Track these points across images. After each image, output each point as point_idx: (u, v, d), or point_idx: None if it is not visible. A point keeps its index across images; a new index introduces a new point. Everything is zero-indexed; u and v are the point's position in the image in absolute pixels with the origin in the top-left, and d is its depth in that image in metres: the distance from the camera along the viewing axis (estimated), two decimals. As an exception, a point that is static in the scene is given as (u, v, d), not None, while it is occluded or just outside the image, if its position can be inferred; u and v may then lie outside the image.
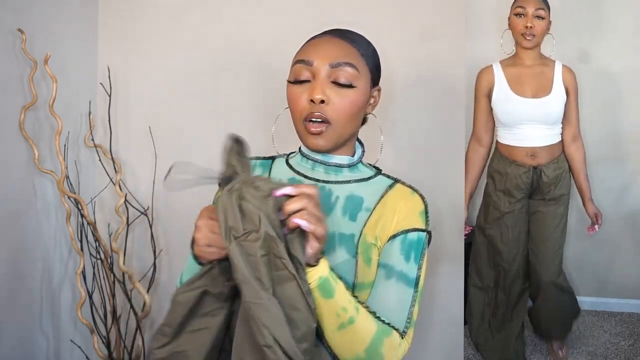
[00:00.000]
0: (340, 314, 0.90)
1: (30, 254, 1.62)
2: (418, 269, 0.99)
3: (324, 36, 1.03)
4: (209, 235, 0.89)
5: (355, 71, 0.99)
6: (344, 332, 0.90)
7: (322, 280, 0.88)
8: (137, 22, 1.81)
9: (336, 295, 0.89)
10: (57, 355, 1.72)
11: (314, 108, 0.98)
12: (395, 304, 0.97)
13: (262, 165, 1.11)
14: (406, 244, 0.99)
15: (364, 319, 0.92)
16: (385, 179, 1.07)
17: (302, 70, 0.99)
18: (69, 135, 1.70)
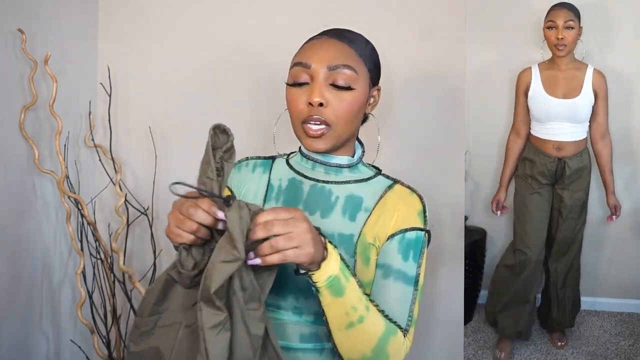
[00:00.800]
0: (350, 312, 0.89)
1: (30, 254, 1.62)
2: (417, 267, 0.99)
3: (321, 37, 1.03)
4: (178, 215, 0.85)
5: (353, 73, 0.99)
6: (353, 331, 0.90)
7: (331, 279, 0.87)
8: (137, 22, 1.81)
9: (347, 293, 0.88)
10: (57, 355, 1.72)
11: (313, 111, 0.98)
12: (395, 303, 0.97)
13: (263, 165, 1.11)
14: (404, 243, 1.00)
15: (373, 318, 0.91)
16: (385, 179, 1.07)
17: (300, 73, 0.99)
18: (69, 135, 1.70)
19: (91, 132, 1.77)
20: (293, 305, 0.99)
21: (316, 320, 0.99)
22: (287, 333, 0.99)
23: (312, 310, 0.98)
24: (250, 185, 1.09)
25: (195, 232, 0.84)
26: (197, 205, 0.84)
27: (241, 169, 1.12)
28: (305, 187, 1.05)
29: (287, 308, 0.99)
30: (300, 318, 0.99)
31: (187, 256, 0.86)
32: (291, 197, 1.05)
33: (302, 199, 1.04)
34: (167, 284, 0.90)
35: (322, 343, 0.99)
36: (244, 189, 1.09)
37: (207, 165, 0.84)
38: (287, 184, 1.06)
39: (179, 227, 0.85)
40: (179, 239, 0.85)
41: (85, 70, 1.80)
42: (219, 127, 0.85)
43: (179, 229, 0.85)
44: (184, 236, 0.85)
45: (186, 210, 0.84)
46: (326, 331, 0.96)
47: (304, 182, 1.05)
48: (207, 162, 0.84)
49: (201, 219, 0.83)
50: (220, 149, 0.85)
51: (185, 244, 0.86)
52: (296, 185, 1.05)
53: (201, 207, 0.84)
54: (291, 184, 1.06)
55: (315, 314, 0.98)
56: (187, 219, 0.84)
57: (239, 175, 1.11)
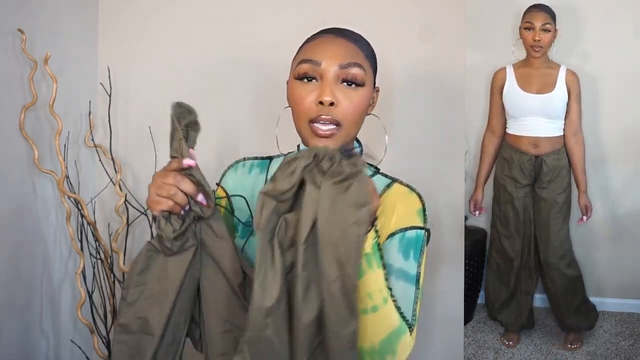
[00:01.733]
0: (365, 298, 0.88)
1: (30, 254, 1.62)
2: (418, 266, 0.99)
3: (327, 36, 1.02)
4: (157, 182, 0.90)
5: (363, 72, 0.98)
6: (365, 318, 0.89)
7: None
8: (137, 22, 1.81)
9: (366, 277, 0.88)
10: (57, 355, 1.72)
11: (323, 110, 0.96)
12: (398, 302, 0.97)
13: (260, 165, 1.10)
14: (404, 242, 0.99)
15: (388, 311, 0.91)
16: (383, 178, 1.07)
17: (308, 70, 0.97)
18: (69, 135, 1.70)
19: (91, 132, 1.77)
20: None
21: None
22: None
23: None
24: (247, 187, 1.08)
25: (172, 196, 0.88)
26: (171, 170, 0.90)
27: (237, 170, 1.11)
28: None
29: None
30: None
31: (165, 224, 0.89)
32: None
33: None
34: (149, 253, 0.92)
35: None
36: (239, 192, 1.08)
37: (175, 133, 0.93)
38: None
39: (158, 195, 0.89)
40: (158, 206, 0.89)
41: (85, 70, 1.79)
42: (181, 105, 0.96)
43: (157, 196, 0.89)
44: (162, 202, 0.89)
45: (164, 177, 0.89)
46: None
47: None
48: (174, 130, 0.93)
49: (176, 181, 0.89)
50: (184, 119, 0.94)
51: (165, 211, 0.89)
52: None
53: (183, 183, 0.89)
54: None
55: None
56: (165, 184, 0.89)
57: (236, 176, 1.11)
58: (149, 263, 0.92)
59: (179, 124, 0.93)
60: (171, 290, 0.90)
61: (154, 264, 0.92)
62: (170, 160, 0.92)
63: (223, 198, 1.10)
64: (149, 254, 0.92)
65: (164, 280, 0.91)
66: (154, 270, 0.91)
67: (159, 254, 0.91)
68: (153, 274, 0.91)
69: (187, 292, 0.92)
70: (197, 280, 0.93)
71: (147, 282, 0.91)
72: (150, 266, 0.92)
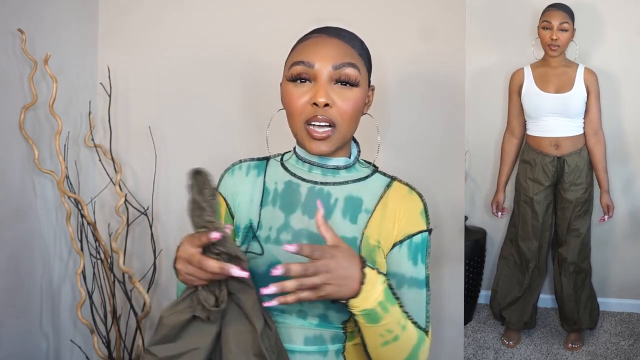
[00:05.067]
0: (385, 334, 0.91)
1: (30, 254, 1.62)
2: (426, 268, 1.01)
3: (319, 36, 1.01)
4: (188, 266, 0.88)
5: (357, 72, 0.98)
6: (387, 348, 0.92)
7: (366, 312, 0.88)
8: (137, 23, 1.81)
9: (383, 321, 0.90)
10: (57, 355, 1.72)
11: (318, 112, 0.96)
12: (412, 308, 0.98)
13: (257, 167, 1.09)
14: (412, 248, 1.00)
15: (408, 334, 0.93)
16: (382, 176, 1.06)
17: (301, 72, 0.97)
18: (69, 135, 1.70)
19: (91, 132, 1.77)
20: (297, 308, 0.99)
21: (320, 324, 0.98)
22: (292, 336, 0.99)
23: (316, 313, 0.98)
24: (246, 191, 1.07)
25: (207, 277, 0.88)
26: (207, 262, 0.86)
27: (234, 173, 1.09)
28: (302, 189, 1.03)
29: (291, 312, 0.99)
30: (304, 321, 0.99)
31: (207, 294, 0.90)
32: (288, 201, 1.03)
33: (300, 202, 1.02)
34: (189, 321, 0.92)
35: (326, 345, 0.99)
36: (238, 197, 1.07)
37: (201, 209, 0.87)
38: (284, 187, 1.04)
39: (192, 276, 0.88)
40: (196, 284, 0.90)
41: (85, 70, 1.80)
42: (197, 171, 0.88)
43: (192, 277, 0.89)
44: (201, 282, 0.89)
45: (198, 264, 0.87)
46: (330, 334, 0.97)
47: (301, 184, 1.04)
48: (197, 205, 0.87)
49: (214, 275, 0.88)
50: (204, 189, 0.88)
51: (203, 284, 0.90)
52: (293, 188, 1.04)
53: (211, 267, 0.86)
54: (287, 187, 1.04)
55: (319, 316, 0.98)
56: (201, 272, 0.87)
57: (233, 181, 1.09)
58: (188, 323, 0.92)
59: (200, 194, 0.88)
60: (204, 346, 0.90)
61: (192, 324, 0.92)
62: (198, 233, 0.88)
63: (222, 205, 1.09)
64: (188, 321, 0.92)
65: (198, 339, 0.91)
66: (191, 330, 0.92)
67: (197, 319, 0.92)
68: (188, 332, 0.92)
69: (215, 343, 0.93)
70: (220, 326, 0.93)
71: (179, 340, 0.91)
72: (188, 325, 0.92)
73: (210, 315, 0.90)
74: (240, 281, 0.91)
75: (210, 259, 0.86)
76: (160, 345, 0.91)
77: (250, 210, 1.05)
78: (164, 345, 0.91)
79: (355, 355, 0.99)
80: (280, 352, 0.94)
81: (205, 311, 0.89)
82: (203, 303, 0.89)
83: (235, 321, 0.91)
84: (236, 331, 0.90)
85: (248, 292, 0.91)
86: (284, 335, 0.98)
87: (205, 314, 0.90)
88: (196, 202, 0.87)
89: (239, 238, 1.05)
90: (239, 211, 1.06)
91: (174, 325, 0.90)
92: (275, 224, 1.02)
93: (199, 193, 0.87)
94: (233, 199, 1.07)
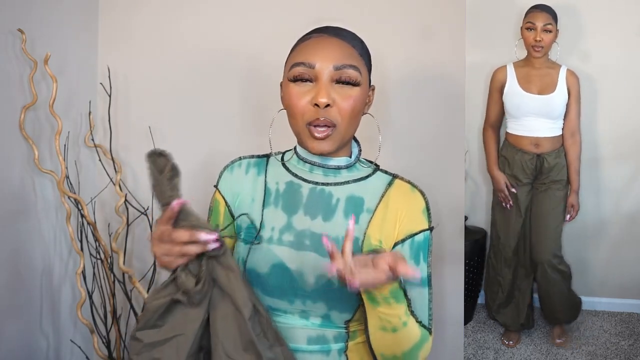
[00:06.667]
0: (385, 324, 0.91)
1: (30, 254, 1.62)
2: (427, 267, 1.01)
3: (320, 36, 1.01)
4: (162, 245, 0.88)
5: (357, 72, 0.98)
6: (385, 334, 0.92)
7: (369, 295, 0.89)
8: (137, 22, 1.81)
9: (380, 307, 0.90)
10: (57, 355, 1.72)
11: (320, 113, 0.96)
12: (415, 308, 0.99)
13: (257, 165, 1.09)
14: (414, 247, 1.00)
15: (409, 330, 0.93)
16: (383, 175, 1.06)
17: (302, 72, 0.97)
18: (69, 135, 1.70)
19: (91, 132, 1.77)
20: (300, 309, 0.99)
21: (323, 323, 0.99)
22: (294, 336, 0.99)
23: (319, 314, 0.98)
24: (246, 190, 1.07)
25: (183, 254, 0.87)
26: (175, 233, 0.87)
27: (234, 171, 1.09)
28: (304, 190, 1.03)
29: (294, 312, 0.99)
30: (307, 321, 0.99)
31: (187, 276, 0.89)
32: (290, 201, 1.03)
33: (302, 203, 1.02)
34: (170, 305, 0.91)
35: (329, 345, 0.99)
36: (238, 197, 1.07)
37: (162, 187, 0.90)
38: (285, 187, 1.04)
39: (168, 256, 0.88)
40: (174, 265, 0.89)
41: (85, 70, 1.79)
42: (155, 152, 0.92)
43: (168, 257, 0.88)
44: (177, 261, 0.88)
45: (168, 238, 0.87)
46: (333, 333, 0.98)
47: (302, 185, 1.04)
48: (158, 183, 0.90)
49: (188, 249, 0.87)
50: (164, 168, 0.90)
51: (181, 265, 0.89)
52: (295, 189, 1.04)
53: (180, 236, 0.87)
54: (289, 187, 1.04)
55: (322, 317, 0.98)
56: (173, 246, 0.87)
57: (232, 178, 1.08)
58: (171, 308, 0.91)
59: (160, 174, 0.91)
60: (190, 332, 0.90)
61: (176, 309, 0.91)
62: (162, 212, 0.90)
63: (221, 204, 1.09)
64: (170, 305, 0.91)
65: (183, 324, 0.91)
66: (175, 315, 0.91)
67: (180, 304, 0.91)
68: (173, 317, 0.91)
69: (204, 330, 0.92)
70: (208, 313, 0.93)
71: (165, 325, 0.91)
72: (172, 311, 0.91)
73: (191, 298, 0.89)
74: (224, 267, 0.91)
75: (179, 229, 0.87)
76: (145, 330, 0.91)
77: (252, 210, 1.05)
78: (149, 331, 0.91)
79: (358, 354, 1.00)
80: (277, 335, 0.94)
81: (185, 294, 0.89)
82: (180, 285, 0.89)
83: (221, 306, 0.92)
84: (223, 316, 0.91)
85: (233, 279, 0.91)
86: (286, 335, 0.98)
87: (185, 297, 0.89)
88: (157, 181, 0.90)
89: (241, 237, 1.05)
90: (240, 211, 1.06)
91: (156, 309, 0.90)
92: (277, 224, 1.02)
93: (160, 172, 0.90)
94: (233, 198, 1.07)
